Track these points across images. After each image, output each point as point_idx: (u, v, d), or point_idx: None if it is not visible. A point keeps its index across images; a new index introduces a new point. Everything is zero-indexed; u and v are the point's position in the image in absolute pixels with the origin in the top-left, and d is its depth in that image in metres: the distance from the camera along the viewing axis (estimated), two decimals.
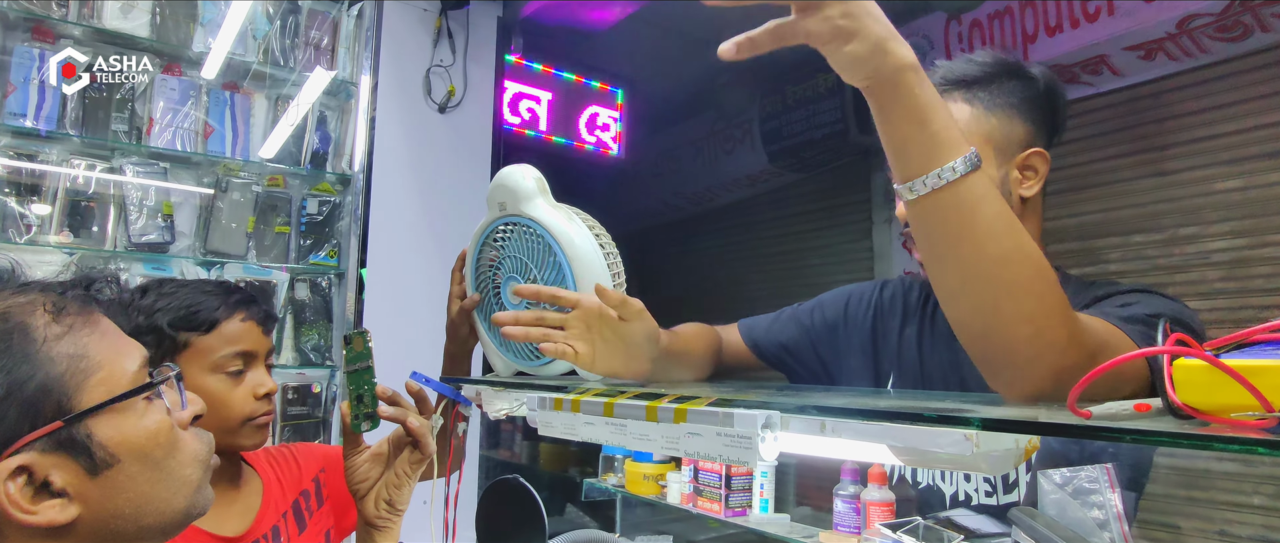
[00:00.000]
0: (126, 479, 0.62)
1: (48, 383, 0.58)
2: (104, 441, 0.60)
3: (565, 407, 0.99)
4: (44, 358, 0.59)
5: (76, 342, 0.61)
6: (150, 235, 2.15)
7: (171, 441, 0.66)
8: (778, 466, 1.33)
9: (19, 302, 0.61)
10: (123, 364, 0.64)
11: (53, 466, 0.58)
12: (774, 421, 0.69)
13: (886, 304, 1.12)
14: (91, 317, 0.64)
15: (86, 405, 0.59)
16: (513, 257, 1.25)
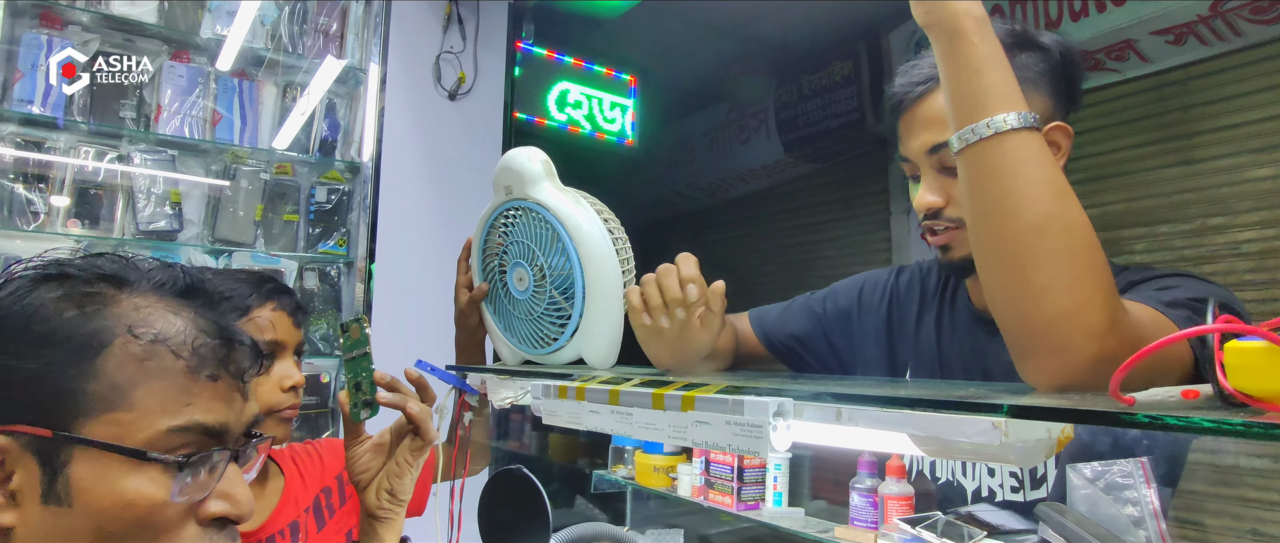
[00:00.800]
0: (67, 529, 0.54)
1: (74, 393, 0.54)
2: (74, 477, 0.54)
3: (570, 395, 0.96)
4: (92, 371, 0.55)
5: (131, 374, 0.56)
6: (158, 224, 2.13)
7: (143, 524, 0.56)
8: (792, 458, 1.29)
9: (137, 312, 0.57)
10: (155, 422, 0.56)
11: (20, 464, 0.54)
12: (786, 408, 0.65)
13: (903, 291, 1.08)
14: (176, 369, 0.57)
15: (83, 434, 0.54)
16: (519, 242, 1.22)
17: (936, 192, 0.89)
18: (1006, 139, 0.63)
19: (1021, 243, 0.62)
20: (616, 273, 1.21)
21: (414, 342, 1.38)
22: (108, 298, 0.58)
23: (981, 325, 0.97)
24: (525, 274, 1.24)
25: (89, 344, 0.55)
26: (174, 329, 0.58)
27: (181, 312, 0.60)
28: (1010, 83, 0.65)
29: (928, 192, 0.89)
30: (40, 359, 0.54)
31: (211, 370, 0.58)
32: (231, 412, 0.60)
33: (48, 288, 0.57)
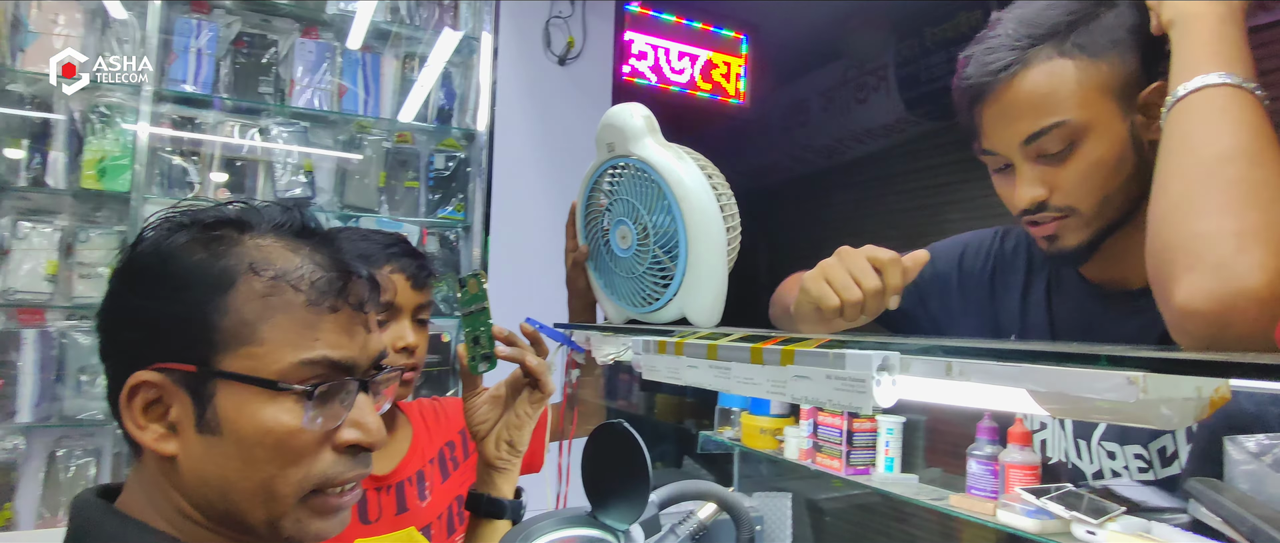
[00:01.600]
0: (220, 454, 0.60)
1: (210, 330, 0.58)
2: (220, 407, 0.59)
3: (669, 350, 0.95)
4: (223, 307, 0.59)
5: (258, 309, 0.59)
6: (294, 191, 2.29)
7: (282, 448, 0.60)
8: (906, 423, 1.23)
9: (260, 252, 0.61)
10: (286, 353, 0.59)
11: (175, 400, 0.59)
12: (892, 362, 0.61)
13: (1008, 256, 0.99)
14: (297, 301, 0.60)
15: (222, 368, 0.59)
16: (623, 199, 1.21)
17: (1037, 183, 0.81)
18: (1208, 93, 0.64)
19: (1206, 168, 0.61)
20: (720, 230, 1.18)
21: (528, 303, 1.41)
22: (232, 240, 0.61)
23: (1095, 299, 0.88)
24: (628, 232, 1.23)
25: (218, 283, 0.59)
26: (292, 266, 0.61)
27: (299, 250, 0.63)
28: (1227, 43, 0.67)
29: (1028, 185, 0.81)
30: (179, 300, 0.59)
31: (331, 302, 0.61)
32: (355, 344, 0.63)
33: (179, 234, 0.61)
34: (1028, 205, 0.82)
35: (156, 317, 0.59)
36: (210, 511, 0.61)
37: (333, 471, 0.62)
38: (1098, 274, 0.88)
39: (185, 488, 0.60)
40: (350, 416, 0.63)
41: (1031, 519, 0.88)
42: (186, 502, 0.61)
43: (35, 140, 2.05)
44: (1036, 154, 0.81)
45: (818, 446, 1.28)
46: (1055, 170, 0.81)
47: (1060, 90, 0.78)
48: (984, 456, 1.01)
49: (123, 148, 2.09)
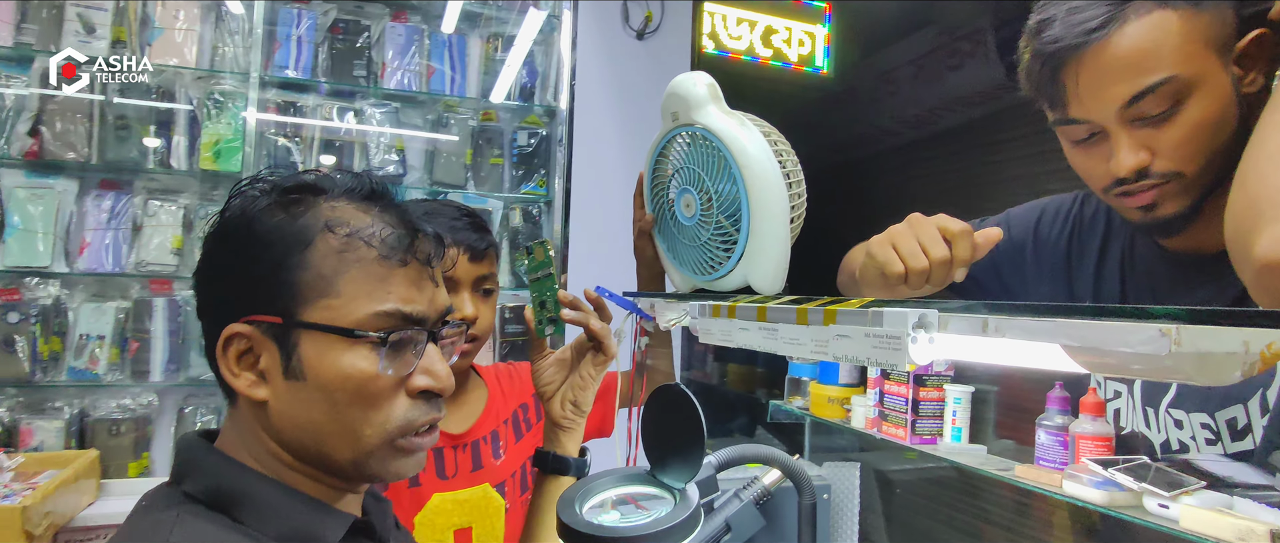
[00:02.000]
0: (306, 399, 0.64)
1: (292, 284, 0.64)
2: (305, 356, 0.64)
3: (722, 313, 0.97)
4: (303, 263, 0.64)
5: (334, 264, 0.64)
6: (387, 169, 2.42)
7: (362, 392, 0.65)
8: (974, 393, 1.19)
9: (334, 212, 0.66)
10: (361, 305, 0.64)
11: (264, 349, 0.65)
12: (929, 320, 0.61)
13: (1087, 221, 0.94)
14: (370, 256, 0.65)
15: (304, 319, 0.63)
16: (687, 168, 1.23)
17: (1138, 148, 0.76)
18: None
19: None
20: (783, 197, 1.17)
21: (607, 275, 1.44)
22: (309, 202, 0.66)
23: (1168, 264, 0.83)
24: (692, 200, 1.25)
25: (298, 240, 0.64)
26: (364, 224, 0.66)
27: (369, 211, 0.68)
28: None
29: (1129, 152, 0.76)
30: (263, 258, 0.64)
31: (401, 257, 0.66)
32: (424, 298, 0.68)
33: (261, 199, 0.67)
34: (1129, 174, 0.78)
35: (244, 274, 0.65)
36: (301, 452, 0.66)
37: (410, 414, 0.67)
38: (1175, 240, 0.83)
39: (276, 431, 0.66)
40: (421, 363, 0.68)
41: (1099, 491, 0.85)
42: (276, 444, 0.66)
43: (160, 127, 2.25)
44: (1136, 117, 0.76)
45: (884, 414, 1.26)
46: (1157, 133, 0.76)
47: (1164, 45, 0.73)
48: (1054, 426, 0.97)
49: (235, 131, 2.26)
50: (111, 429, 2.12)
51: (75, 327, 2.14)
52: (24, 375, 2.07)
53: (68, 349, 2.13)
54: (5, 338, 2.05)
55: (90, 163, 2.17)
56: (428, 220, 1.16)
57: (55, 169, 2.16)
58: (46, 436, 2.08)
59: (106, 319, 2.15)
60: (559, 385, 1.00)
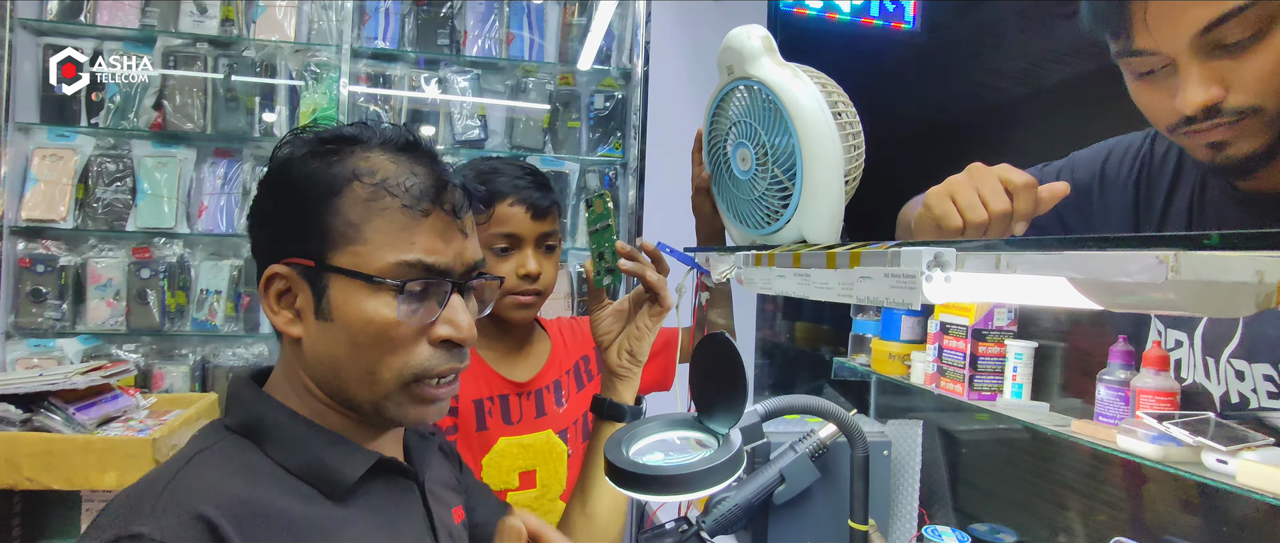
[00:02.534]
0: (332, 339, 0.67)
1: (323, 230, 0.66)
2: (333, 298, 0.66)
3: (764, 262, 0.98)
4: (332, 209, 0.66)
5: (361, 212, 0.66)
6: (470, 135, 2.51)
7: (382, 336, 0.66)
8: (1038, 349, 1.15)
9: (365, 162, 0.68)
10: (386, 253, 0.66)
11: (300, 290, 0.68)
12: (946, 258, 0.61)
13: (1158, 160, 0.87)
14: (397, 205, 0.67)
15: (333, 263, 0.66)
16: (742, 121, 1.23)
17: (1212, 82, 0.70)
18: None
19: None
20: (837, 149, 1.16)
21: (682, 236, 1.46)
22: (344, 151, 0.69)
23: (1239, 206, 0.76)
24: (748, 154, 1.25)
25: (330, 187, 0.67)
26: (392, 174, 0.68)
27: (401, 161, 0.69)
28: None
29: (1199, 86, 0.70)
30: (299, 203, 0.67)
31: (425, 207, 0.67)
32: (450, 250, 0.69)
33: (300, 146, 0.70)
34: (1197, 111, 0.73)
35: (283, 218, 0.68)
36: (327, 387, 0.70)
37: (429, 362, 0.68)
38: (1250, 181, 0.77)
39: (308, 367, 0.70)
40: (444, 313, 0.69)
41: (1154, 445, 0.81)
42: (310, 379, 0.70)
43: (264, 98, 2.42)
44: (1212, 46, 0.71)
45: (942, 370, 1.23)
46: (1234, 64, 0.70)
47: None
48: (1115, 381, 0.92)
49: (330, 101, 2.41)
50: (228, 375, 2.34)
51: (196, 283, 2.36)
52: (155, 325, 2.30)
53: (191, 303, 2.36)
54: (139, 292, 2.29)
55: (206, 133, 2.37)
56: (491, 178, 1.22)
57: (177, 139, 2.37)
58: (175, 379, 2.31)
59: (222, 276, 2.36)
60: (616, 335, 1.03)
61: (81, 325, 2.29)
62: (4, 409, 1.79)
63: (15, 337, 2.24)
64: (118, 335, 2.31)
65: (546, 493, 1.29)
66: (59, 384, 1.82)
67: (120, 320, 2.30)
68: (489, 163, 1.25)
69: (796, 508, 1.35)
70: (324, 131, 0.71)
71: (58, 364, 2.22)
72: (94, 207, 2.30)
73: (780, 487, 1.30)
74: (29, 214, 2.23)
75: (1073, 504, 1.24)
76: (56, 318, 2.25)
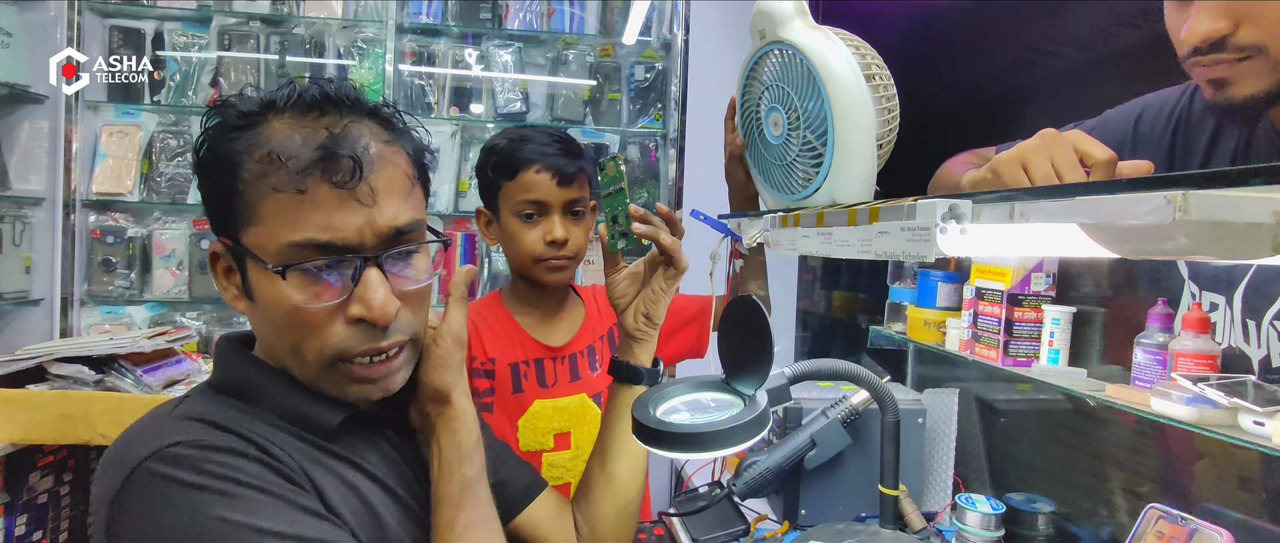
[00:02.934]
0: (259, 318, 0.66)
1: (232, 209, 0.64)
2: (250, 279, 0.65)
3: (789, 223, 0.98)
4: (235, 189, 0.63)
5: (255, 192, 0.62)
6: (511, 107, 2.54)
7: (293, 321, 0.64)
8: (1076, 314, 1.12)
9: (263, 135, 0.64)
10: (280, 234, 0.62)
11: (234, 266, 0.67)
12: (962, 211, 0.61)
13: (1196, 116, 0.84)
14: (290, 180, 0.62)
15: (243, 243, 0.64)
16: (775, 85, 1.22)
17: (1223, 14, 0.67)
18: None
19: None
20: (869, 112, 1.15)
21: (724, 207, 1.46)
22: (255, 122, 0.64)
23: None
24: (780, 119, 1.25)
25: (230, 164, 0.63)
26: (282, 145, 0.62)
27: (301, 130, 0.63)
28: None
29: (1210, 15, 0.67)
30: (211, 180, 0.65)
31: (303, 184, 0.61)
32: (351, 223, 0.62)
33: (214, 119, 0.66)
34: (1201, 41, 0.70)
35: (205, 194, 0.66)
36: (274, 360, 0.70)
37: (346, 343, 0.64)
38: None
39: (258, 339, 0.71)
40: (357, 291, 0.63)
41: (1189, 407, 0.79)
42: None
43: (313, 74, 2.48)
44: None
45: (976, 335, 1.21)
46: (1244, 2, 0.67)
47: None
48: (1153, 344, 0.90)
49: (376, 76, 2.46)
50: None
51: None
52: (216, 293, 2.41)
53: None
54: (201, 261, 2.40)
55: None
56: (520, 145, 1.23)
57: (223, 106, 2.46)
58: None
59: None
60: (632, 298, 1.02)
61: (148, 293, 2.42)
62: (78, 370, 1.91)
63: (89, 303, 2.38)
64: (181, 303, 2.43)
65: (580, 454, 1.32)
66: (127, 348, 1.93)
67: (183, 289, 2.41)
68: (520, 131, 1.26)
69: (828, 473, 1.35)
70: (240, 102, 0.66)
71: (127, 329, 2.35)
72: (157, 181, 2.41)
73: (811, 452, 1.31)
74: (99, 188, 2.36)
75: (1113, 476, 1.21)
76: (125, 286, 2.38)
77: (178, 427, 0.61)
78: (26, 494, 1.94)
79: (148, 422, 0.64)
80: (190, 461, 0.57)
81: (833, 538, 1.20)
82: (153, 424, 0.63)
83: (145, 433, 0.61)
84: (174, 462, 0.57)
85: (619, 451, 1.01)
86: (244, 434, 0.62)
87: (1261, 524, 0.87)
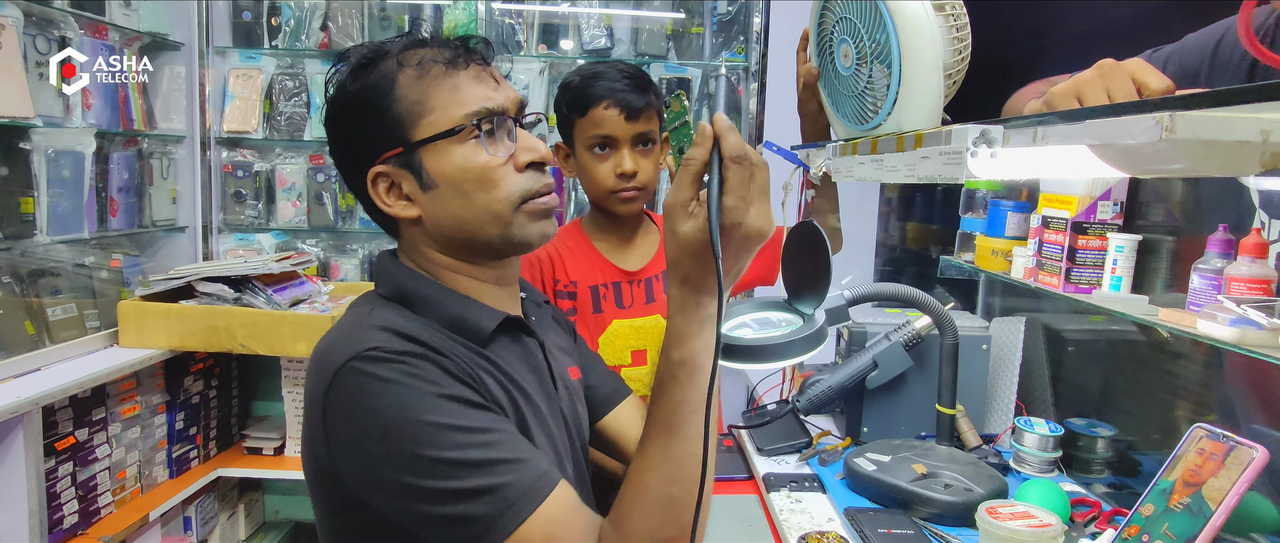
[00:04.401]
0: (444, 200, 0.78)
1: (397, 118, 0.77)
2: (429, 167, 0.77)
3: (848, 151, 1.04)
4: (396, 99, 0.77)
5: (422, 90, 0.77)
6: (597, 43, 2.61)
7: (483, 178, 0.77)
8: (1143, 242, 1.12)
9: (399, 57, 0.79)
10: (452, 112, 0.77)
11: (401, 177, 0.79)
12: (993, 135, 0.67)
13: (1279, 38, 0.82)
14: (441, 73, 0.78)
15: (416, 139, 0.77)
16: (844, 18, 1.25)
17: None
18: None
19: None
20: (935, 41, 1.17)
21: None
22: (381, 57, 0.80)
23: None
24: (850, 50, 1.28)
25: (386, 84, 0.78)
26: (424, 54, 0.79)
27: (425, 46, 0.81)
28: None
29: None
30: (368, 110, 0.78)
31: (463, 62, 0.79)
32: (499, 94, 0.80)
33: (345, 71, 0.81)
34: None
35: (359, 128, 0.79)
36: (454, 246, 0.82)
37: (527, 183, 0.80)
38: None
39: (433, 238, 0.82)
40: (522, 143, 0.80)
41: (1233, 329, 0.81)
42: (436, 251, 0.83)
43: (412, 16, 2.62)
44: None
45: (1041, 264, 1.23)
46: None
47: None
48: (1210, 270, 0.91)
49: (470, 16, 2.58)
50: None
51: None
52: (330, 223, 2.65)
53: (357, 204, 2.68)
54: (317, 194, 2.63)
55: None
56: (590, 82, 1.32)
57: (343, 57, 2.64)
58: (347, 270, 2.67)
59: None
60: None
61: (273, 223, 2.68)
62: (219, 289, 2.18)
63: (224, 231, 2.66)
64: (301, 232, 2.68)
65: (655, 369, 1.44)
66: (259, 270, 2.18)
67: (303, 219, 2.66)
68: (593, 68, 1.33)
69: (890, 394, 1.42)
70: (353, 54, 0.82)
71: (257, 254, 2.62)
72: (278, 119, 2.63)
73: (873, 372, 1.38)
74: (229, 126, 2.60)
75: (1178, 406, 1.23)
76: (254, 216, 2.64)
77: (370, 334, 0.73)
78: (183, 395, 2.26)
79: (346, 328, 0.77)
80: (385, 361, 0.70)
81: (889, 451, 1.28)
82: (352, 331, 0.75)
83: (346, 338, 0.74)
84: (372, 361, 0.70)
85: None
86: (422, 340, 0.74)
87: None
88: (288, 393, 2.45)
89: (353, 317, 0.80)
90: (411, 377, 0.70)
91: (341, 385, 0.70)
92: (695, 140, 0.73)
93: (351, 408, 0.69)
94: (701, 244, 0.68)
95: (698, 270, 0.71)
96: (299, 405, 2.43)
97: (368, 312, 0.79)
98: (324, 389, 0.71)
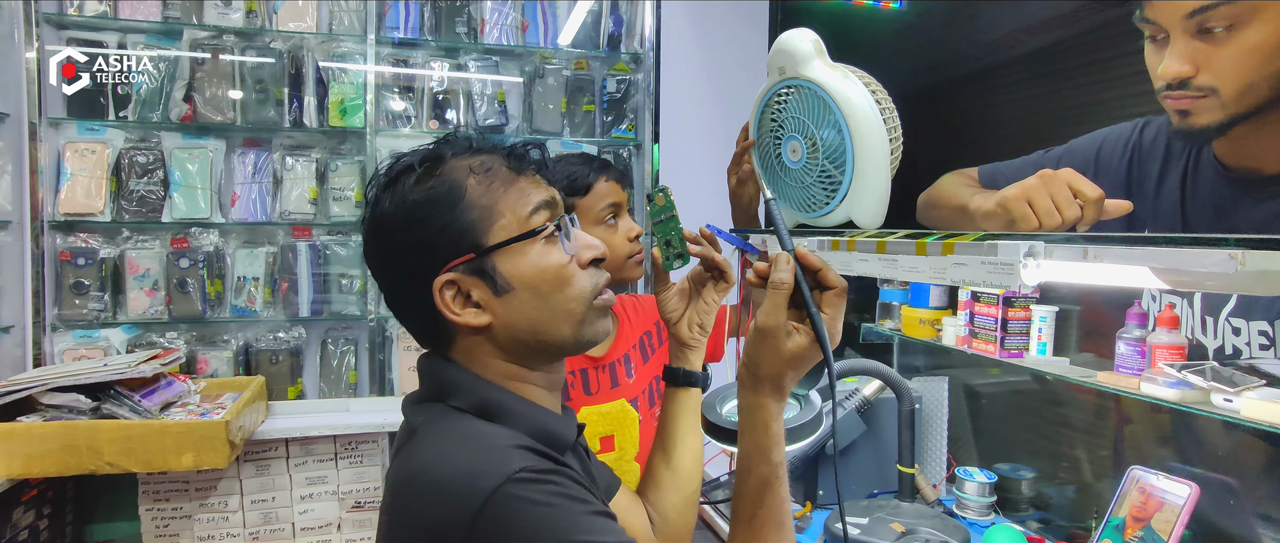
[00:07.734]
0: (520, 303, 0.78)
1: (467, 225, 0.77)
2: (504, 271, 0.77)
3: (842, 247, 1.12)
4: (465, 207, 0.77)
5: (488, 196, 0.78)
6: (490, 120, 2.60)
7: (559, 277, 0.79)
8: (1058, 313, 1.33)
9: (461, 163, 0.80)
10: (521, 214, 0.78)
11: (471, 285, 0.77)
12: (1038, 249, 0.76)
13: (1147, 147, 1.04)
14: (507, 177, 0.80)
15: (489, 244, 0.77)
16: (794, 118, 1.37)
17: (1186, 59, 0.86)
18: None
19: None
20: (884, 142, 1.31)
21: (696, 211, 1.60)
22: (443, 163, 0.80)
23: (1229, 183, 0.93)
24: (798, 146, 1.39)
25: (454, 192, 0.78)
26: (486, 159, 0.81)
27: (481, 152, 0.82)
28: None
29: (1177, 59, 0.86)
30: (433, 219, 0.77)
31: (521, 167, 0.81)
32: (550, 192, 0.83)
33: (401, 180, 0.80)
34: (1171, 80, 0.88)
35: (423, 239, 0.78)
36: (524, 351, 0.81)
37: (594, 280, 0.82)
38: (1235, 159, 0.94)
39: (500, 345, 0.80)
40: (581, 240, 0.83)
41: (1173, 390, 0.99)
42: (504, 359, 0.81)
43: (292, 88, 2.47)
44: (1197, 29, 0.86)
45: (974, 333, 1.40)
46: (1210, 49, 0.85)
47: None
48: (1133, 338, 1.10)
49: (356, 89, 2.47)
50: (271, 359, 2.43)
51: (233, 270, 2.44)
52: (197, 313, 2.38)
53: (228, 290, 2.43)
54: (180, 281, 2.36)
55: (235, 124, 2.42)
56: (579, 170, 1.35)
57: (206, 131, 2.42)
58: (219, 364, 2.40)
59: (258, 263, 2.44)
60: (684, 312, 1.13)
61: (122, 315, 2.36)
62: (73, 399, 1.87)
63: (61, 328, 2.30)
64: (159, 324, 2.38)
65: (623, 455, 1.44)
66: (126, 373, 1.90)
67: (161, 309, 2.37)
68: (563, 158, 1.40)
69: (842, 458, 1.53)
70: (411, 157, 0.81)
71: (104, 354, 2.29)
72: (128, 199, 2.35)
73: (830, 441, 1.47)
74: (67, 209, 2.28)
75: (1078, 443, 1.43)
76: (99, 308, 2.32)
77: (510, 454, 0.69)
78: (9, 532, 1.89)
79: (469, 449, 0.72)
80: (535, 482, 0.67)
81: (861, 513, 1.37)
82: (481, 452, 0.71)
83: (480, 459, 0.69)
84: (524, 483, 0.66)
85: (683, 447, 1.13)
86: (551, 457, 0.71)
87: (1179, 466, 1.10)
88: (145, 511, 2.14)
89: (458, 434, 0.75)
90: (561, 497, 0.67)
91: (496, 512, 0.65)
92: (776, 265, 0.79)
93: (507, 535, 0.65)
94: (810, 359, 0.73)
95: (793, 380, 0.76)
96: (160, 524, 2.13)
97: (471, 427, 0.76)
98: (469, 518, 0.65)
